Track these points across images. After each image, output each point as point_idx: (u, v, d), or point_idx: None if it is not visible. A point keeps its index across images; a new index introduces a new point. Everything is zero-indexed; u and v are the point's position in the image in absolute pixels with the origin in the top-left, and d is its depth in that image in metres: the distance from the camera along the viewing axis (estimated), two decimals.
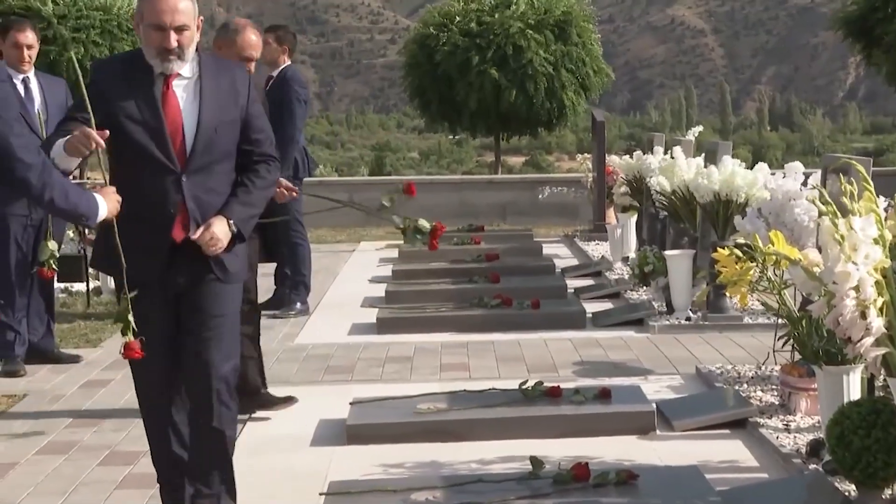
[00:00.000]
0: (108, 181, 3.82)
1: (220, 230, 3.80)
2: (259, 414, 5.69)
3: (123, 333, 3.74)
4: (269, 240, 6.03)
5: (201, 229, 3.79)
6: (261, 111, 4.12)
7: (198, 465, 4.00)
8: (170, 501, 4.08)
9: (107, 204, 3.62)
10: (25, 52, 6.84)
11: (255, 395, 5.74)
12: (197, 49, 3.89)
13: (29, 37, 6.90)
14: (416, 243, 6.92)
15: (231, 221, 3.85)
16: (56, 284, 7.76)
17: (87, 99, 3.72)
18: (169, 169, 3.79)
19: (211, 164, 3.87)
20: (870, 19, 18.02)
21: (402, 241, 12.47)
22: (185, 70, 3.85)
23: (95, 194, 3.64)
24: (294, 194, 5.89)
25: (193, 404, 3.99)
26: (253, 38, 5.63)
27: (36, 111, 6.82)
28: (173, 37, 3.73)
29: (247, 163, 4.01)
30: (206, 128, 3.83)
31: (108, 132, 3.67)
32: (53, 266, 6.97)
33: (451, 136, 20.80)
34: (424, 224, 6.59)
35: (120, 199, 3.70)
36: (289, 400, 5.84)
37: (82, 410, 5.99)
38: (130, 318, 3.70)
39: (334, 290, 10.07)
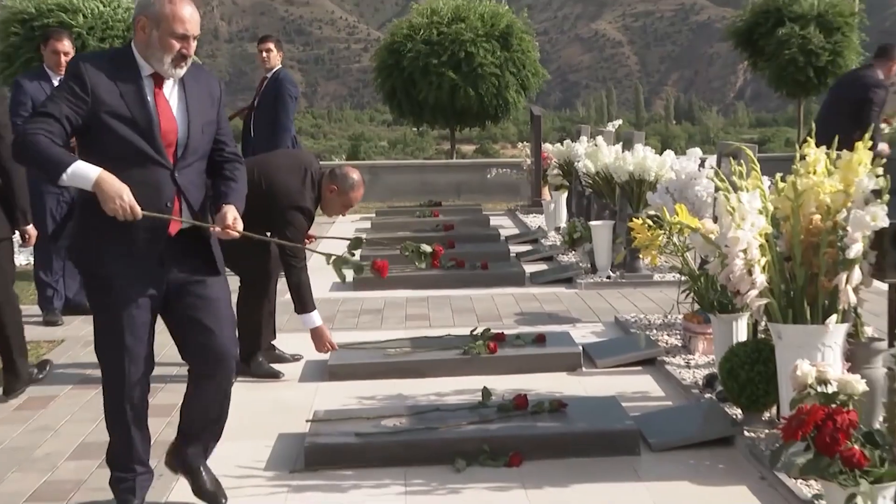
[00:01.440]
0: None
1: (237, 215, 3.42)
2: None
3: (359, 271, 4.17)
4: None
5: (229, 215, 3.38)
6: (225, 115, 3.71)
7: (200, 434, 3.62)
8: (125, 492, 3.54)
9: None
10: (62, 57, 6.81)
11: (268, 351, 5.67)
12: None
13: (66, 44, 6.90)
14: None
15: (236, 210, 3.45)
16: None
17: (79, 91, 3.24)
18: (163, 166, 3.34)
19: (196, 161, 3.45)
20: (755, 33, 18.26)
21: (373, 215, 12.54)
22: None
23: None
24: (314, 239, 5.65)
25: (205, 379, 3.51)
26: (360, 195, 5.44)
27: None
28: (193, 44, 3.35)
29: (220, 160, 3.57)
30: (195, 127, 3.41)
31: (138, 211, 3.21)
32: None
33: (414, 129, 20.62)
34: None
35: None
36: (297, 357, 5.78)
37: None
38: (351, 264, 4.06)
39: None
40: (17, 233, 5.42)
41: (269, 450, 4.26)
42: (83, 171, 3.19)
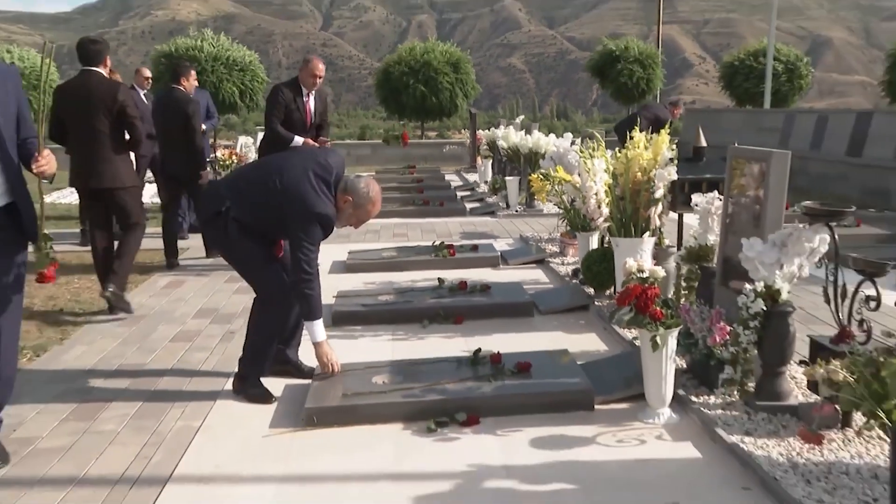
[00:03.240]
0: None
1: None
2: None
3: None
4: None
5: None
6: None
7: (294, 328, 3.15)
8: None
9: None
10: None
11: None
12: None
13: (193, 73, 6.14)
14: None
15: None
16: None
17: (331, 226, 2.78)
18: None
19: None
20: (603, 65, 18.90)
21: (374, 173, 12.32)
22: None
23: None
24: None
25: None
26: (320, 66, 4.95)
27: None
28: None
29: None
30: None
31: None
32: None
33: (400, 121, 20.30)
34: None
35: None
36: None
37: (219, 258, 5.81)
38: None
39: None
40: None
41: None
42: (318, 332, 2.83)
